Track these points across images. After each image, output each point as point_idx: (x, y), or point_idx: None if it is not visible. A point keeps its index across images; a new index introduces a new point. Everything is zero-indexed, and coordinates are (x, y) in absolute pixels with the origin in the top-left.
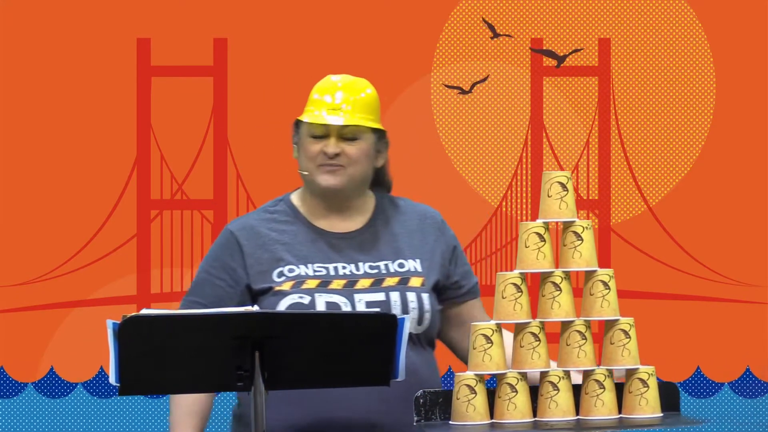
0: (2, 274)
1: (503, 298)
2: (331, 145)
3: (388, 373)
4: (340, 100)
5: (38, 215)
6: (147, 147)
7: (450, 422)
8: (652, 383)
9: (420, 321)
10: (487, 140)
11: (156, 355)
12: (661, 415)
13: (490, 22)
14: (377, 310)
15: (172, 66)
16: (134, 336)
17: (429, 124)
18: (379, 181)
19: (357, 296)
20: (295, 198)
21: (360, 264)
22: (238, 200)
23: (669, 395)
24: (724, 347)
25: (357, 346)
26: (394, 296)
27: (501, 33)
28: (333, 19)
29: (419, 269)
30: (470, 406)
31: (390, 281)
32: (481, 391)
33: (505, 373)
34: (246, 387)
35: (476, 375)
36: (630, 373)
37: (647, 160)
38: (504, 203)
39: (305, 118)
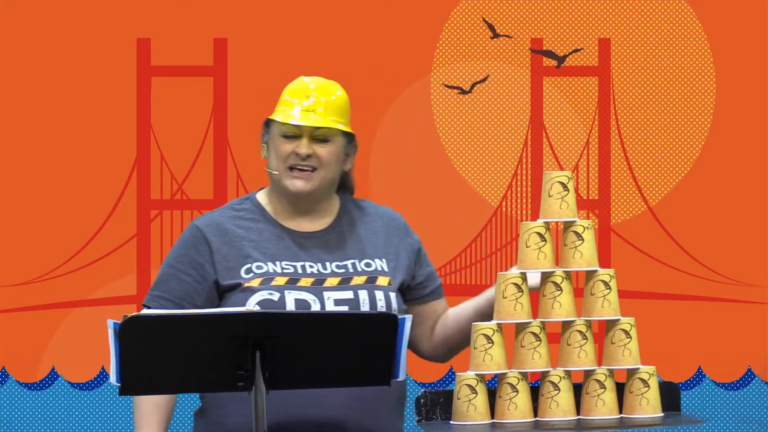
0: (2, 274)
1: (504, 297)
2: (304, 146)
3: (388, 373)
4: (313, 101)
5: (38, 215)
6: (147, 147)
7: (451, 422)
8: (653, 383)
9: None
10: (487, 140)
11: (157, 355)
12: (662, 414)
13: (490, 22)
14: (351, 303)
15: (172, 66)
16: (135, 336)
17: (429, 124)
18: (343, 185)
19: (326, 294)
20: (261, 196)
21: (327, 263)
22: None
23: (670, 395)
24: (724, 347)
25: (358, 346)
26: (363, 294)
27: (501, 33)
28: (333, 19)
29: (386, 269)
30: (471, 406)
31: (357, 280)
32: (482, 390)
33: (506, 373)
34: (246, 387)
35: (477, 375)
36: (631, 373)
37: (647, 160)
38: (504, 203)
39: (278, 117)
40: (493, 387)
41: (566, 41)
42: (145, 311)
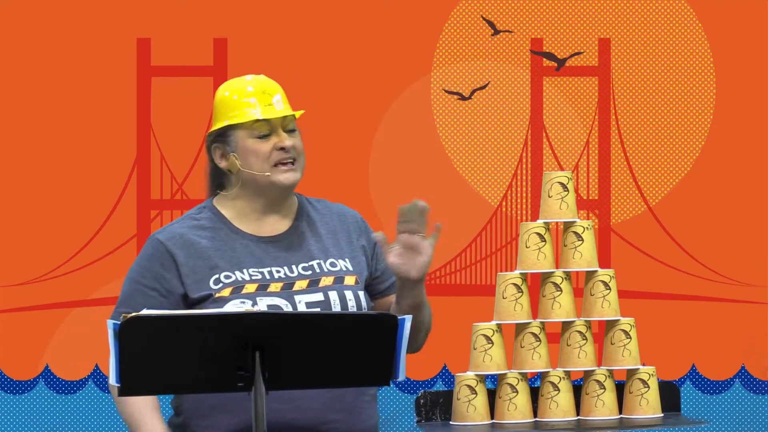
0: (2, 274)
1: (504, 298)
2: (286, 139)
3: (388, 373)
4: (270, 94)
5: (38, 215)
6: (147, 147)
7: (451, 422)
8: (653, 384)
9: None
10: (487, 140)
11: (156, 356)
12: (662, 415)
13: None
14: (321, 304)
15: (172, 66)
16: (135, 336)
17: (429, 125)
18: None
19: (297, 297)
20: (218, 204)
21: (293, 266)
22: None
23: (669, 395)
24: (724, 347)
25: (357, 347)
26: (333, 295)
27: (501, 29)
28: (333, 19)
29: (350, 268)
30: (471, 407)
31: (326, 281)
32: (481, 391)
33: (505, 374)
34: (246, 387)
35: (477, 375)
36: (631, 373)
37: (647, 160)
38: (504, 203)
39: (248, 117)
40: (493, 387)
41: (566, 41)
42: (144, 311)
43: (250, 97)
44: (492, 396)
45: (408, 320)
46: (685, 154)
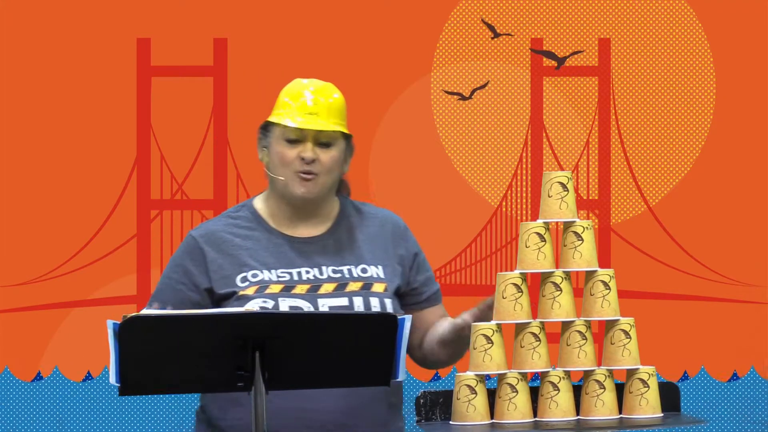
0: (2, 274)
1: (504, 298)
2: (309, 150)
3: (388, 373)
4: (314, 104)
5: (38, 215)
6: (147, 147)
7: (450, 422)
8: (653, 383)
9: None
10: (487, 140)
11: (156, 356)
12: (662, 415)
13: (490, 21)
14: (346, 308)
15: (172, 66)
16: (134, 336)
17: (429, 125)
18: (339, 185)
19: (320, 301)
20: (258, 203)
21: (323, 268)
22: (238, 200)
23: (669, 395)
24: (724, 347)
25: (357, 346)
26: (357, 301)
27: (502, 32)
28: (333, 19)
29: (381, 275)
30: (470, 407)
31: (353, 286)
32: (481, 391)
33: (505, 374)
34: (246, 387)
35: (477, 375)
36: (630, 373)
37: (647, 160)
38: (504, 203)
39: (283, 120)
40: (492, 387)
41: (566, 41)
42: (144, 311)
43: (295, 101)
44: (492, 396)
45: (408, 320)
46: (685, 154)
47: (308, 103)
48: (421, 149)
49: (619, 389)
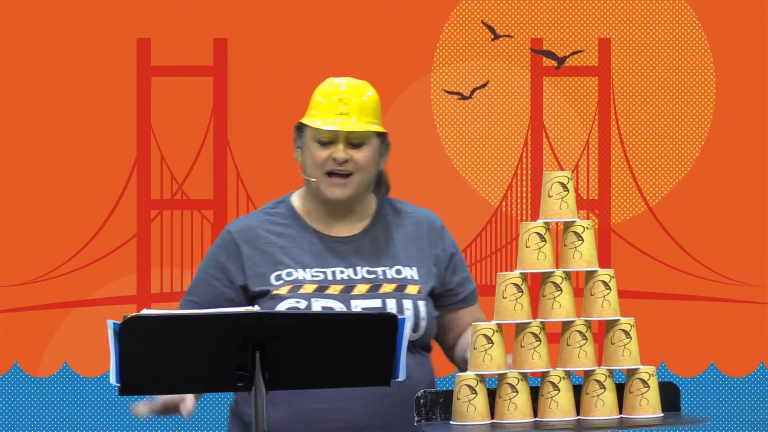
0: (2, 274)
1: (504, 298)
2: (341, 152)
3: (388, 373)
4: (346, 104)
5: (38, 215)
6: (147, 147)
7: (451, 422)
8: (653, 383)
9: (415, 328)
10: (487, 140)
11: (157, 356)
12: (662, 415)
13: (490, 21)
14: (377, 310)
15: (172, 66)
16: (135, 336)
17: (429, 125)
18: (377, 182)
19: (353, 302)
20: (296, 200)
21: (358, 268)
22: (238, 200)
23: (670, 395)
24: (724, 347)
25: (357, 347)
26: (391, 303)
27: (502, 34)
28: (333, 19)
29: (416, 277)
30: (471, 406)
31: (387, 288)
32: (481, 391)
33: (505, 373)
34: (246, 387)
35: (477, 375)
36: (631, 373)
37: (647, 160)
38: (504, 203)
39: (314, 122)
40: (493, 387)
41: (566, 41)
42: (144, 311)
43: (327, 101)
44: (492, 396)
45: (408, 320)
46: (685, 154)
47: (340, 103)
48: (421, 149)
49: (620, 389)
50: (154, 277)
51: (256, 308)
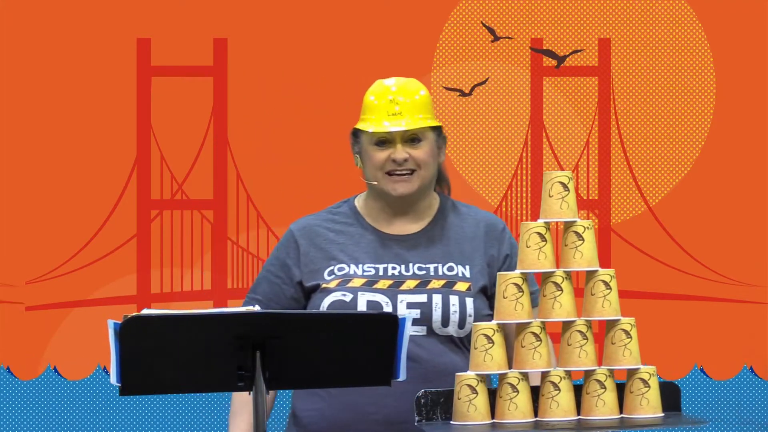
0: (2, 274)
1: (504, 297)
2: (399, 152)
3: (388, 373)
4: (397, 104)
5: (38, 215)
6: (147, 147)
7: (451, 422)
8: (654, 383)
9: (461, 325)
10: (487, 140)
11: (157, 355)
12: (662, 415)
13: (489, 21)
14: (457, 308)
15: (172, 66)
16: (135, 336)
17: None
18: (438, 179)
19: (400, 296)
20: (359, 201)
21: (410, 265)
22: (238, 200)
23: (670, 395)
24: (724, 347)
25: (358, 346)
26: (437, 298)
27: (501, 36)
28: (333, 19)
29: (467, 275)
30: (471, 406)
31: (435, 284)
32: (482, 390)
33: (506, 373)
34: (247, 387)
35: (477, 375)
36: (631, 373)
37: (647, 160)
38: (504, 203)
39: (367, 127)
40: (493, 387)
41: (566, 41)
42: (145, 311)
43: (379, 102)
44: (493, 395)
45: (408, 320)
46: (685, 154)
47: (392, 103)
48: None
49: (620, 389)
50: (154, 277)
51: (256, 308)
